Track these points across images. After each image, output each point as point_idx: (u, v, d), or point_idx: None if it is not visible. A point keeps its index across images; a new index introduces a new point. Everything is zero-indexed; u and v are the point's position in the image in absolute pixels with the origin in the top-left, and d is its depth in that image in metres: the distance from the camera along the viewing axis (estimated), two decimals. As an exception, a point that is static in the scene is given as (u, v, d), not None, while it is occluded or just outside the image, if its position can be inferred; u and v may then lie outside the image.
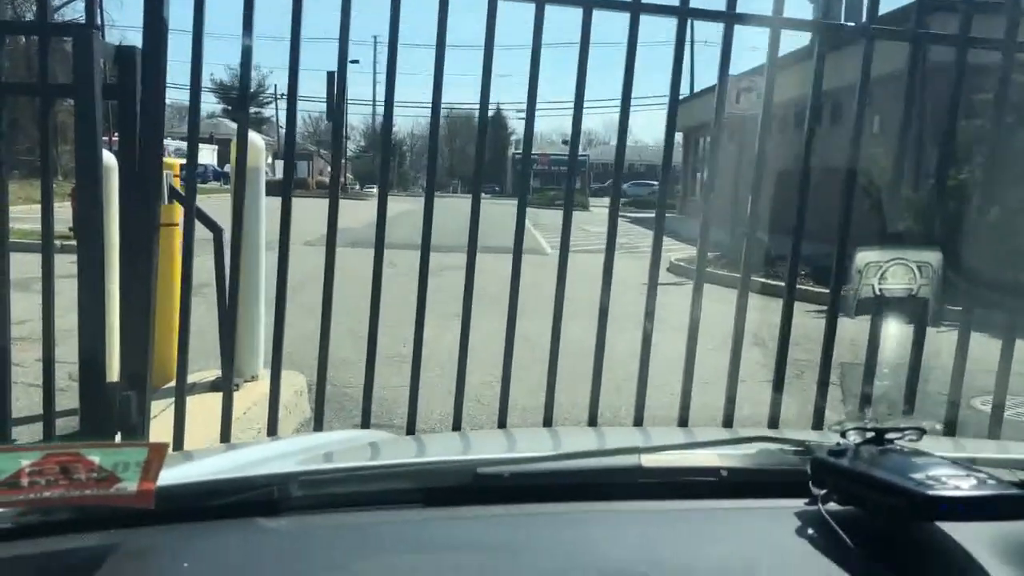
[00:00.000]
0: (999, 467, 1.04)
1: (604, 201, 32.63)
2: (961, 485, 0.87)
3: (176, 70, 2.46)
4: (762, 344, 3.72)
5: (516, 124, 59.11)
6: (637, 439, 1.58)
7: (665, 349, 2.65)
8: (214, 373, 3.86)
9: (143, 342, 2.32)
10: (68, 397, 2.91)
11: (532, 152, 2.72)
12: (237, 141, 2.59)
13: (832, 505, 0.94)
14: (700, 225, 2.63)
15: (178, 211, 3.96)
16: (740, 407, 2.54)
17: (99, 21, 2.80)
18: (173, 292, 3.79)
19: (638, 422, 2.53)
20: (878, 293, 2.24)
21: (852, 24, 2.65)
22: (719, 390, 2.56)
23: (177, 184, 4.12)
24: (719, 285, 4.82)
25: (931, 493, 0.85)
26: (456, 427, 2.57)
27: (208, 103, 53.18)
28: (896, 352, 2.51)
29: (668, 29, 2.77)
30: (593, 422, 2.53)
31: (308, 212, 4.99)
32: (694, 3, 2.46)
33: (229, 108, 52.94)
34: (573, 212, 2.61)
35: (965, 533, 0.89)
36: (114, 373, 2.52)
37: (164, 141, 2.47)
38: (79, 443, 0.83)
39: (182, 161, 4.30)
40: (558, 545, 0.93)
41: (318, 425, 2.64)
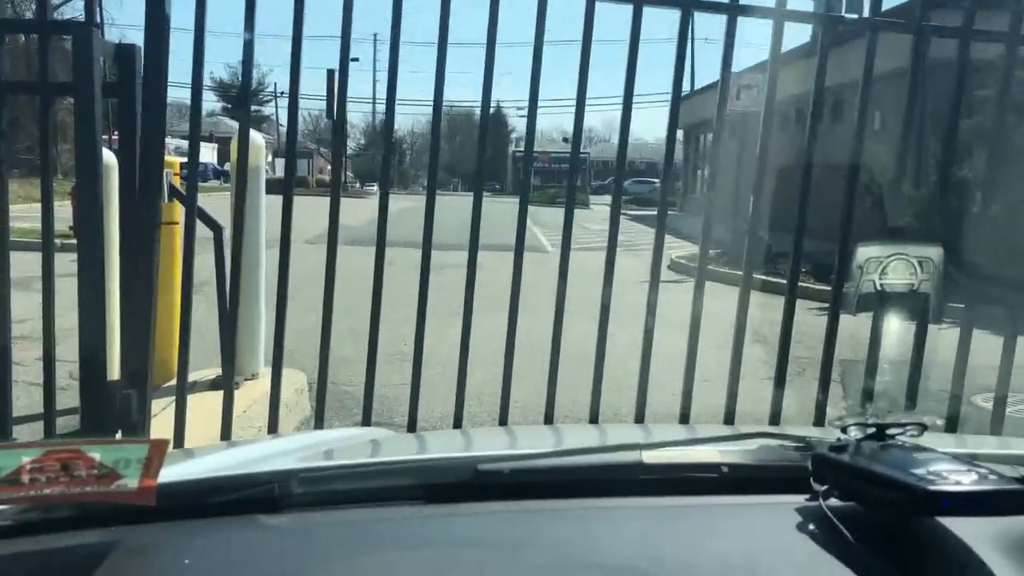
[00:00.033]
0: (1000, 463, 1.03)
1: (604, 199, 32.68)
2: (962, 480, 0.87)
3: (176, 68, 2.46)
4: (763, 341, 3.72)
5: (516, 122, 59.07)
6: (638, 435, 1.57)
7: (666, 347, 2.64)
8: (214, 371, 3.86)
9: (144, 340, 2.32)
10: (69, 396, 2.91)
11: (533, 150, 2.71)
12: (239, 139, 2.59)
13: (833, 501, 0.94)
14: (701, 223, 2.62)
15: (178, 209, 3.96)
16: (741, 404, 2.54)
17: (99, 19, 2.79)
18: (173, 290, 3.79)
19: (639, 419, 2.53)
20: (879, 289, 2.24)
21: (856, 16, 2.63)
22: (720, 388, 2.55)
23: (177, 182, 4.12)
24: (720, 283, 4.81)
25: (932, 488, 0.85)
26: (457, 425, 2.57)
27: (208, 101, 53.08)
28: (897, 348, 2.50)
29: (668, 26, 2.77)
30: (594, 419, 2.53)
31: (308, 210, 4.98)
32: None
33: (229, 106, 52.92)
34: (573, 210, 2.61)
35: (966, 528, 0.89)
36: (115, 371, 2.52)
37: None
38: (80, 440, 0.83)
39: (181, 159, 4.31)
40: (559, 541, 0.93)
41: (319, 423, 2.64)
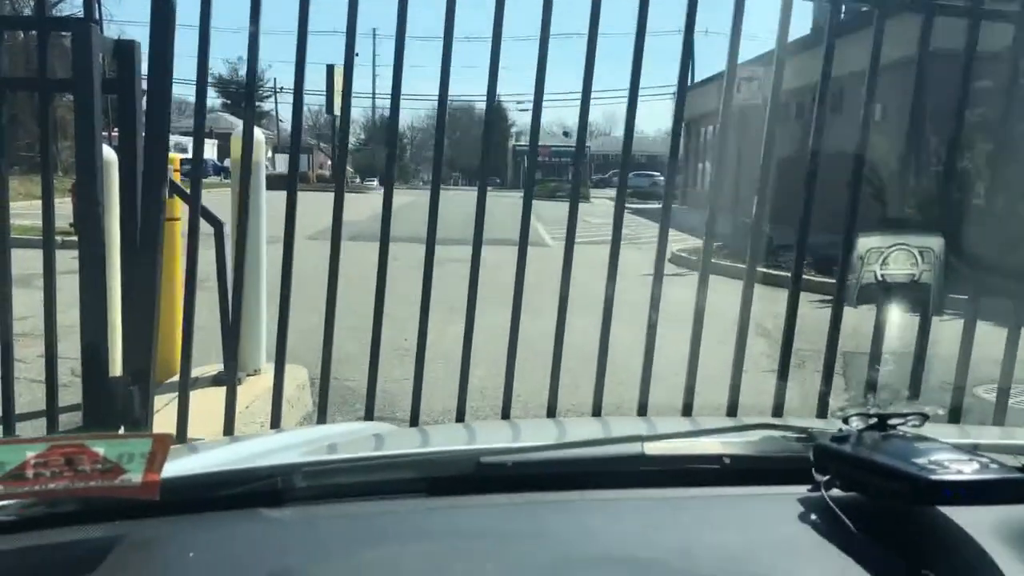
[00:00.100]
0: (1002, 452, 1.04)
1: (605, 192, 32.58)
2: (964, 470, 0.87)
3: (176, 64, 2.45)
4: (765, 334, 3.72)
5: (516, 116, 58.86)
6: (640, 428, 1.58)
7: (667, 342, 2.64)
8: (216, 368, 3.86)
9: (147, 337, 2.33)
10: (71, 392, 2.92)
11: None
12: (243, 135, 2.60)
13: (835, 491, 0.94)
14: (705, 216, 2.62)
15: (178, 205, 3.96)
16: (743, 396, 2.54)
17: (97, 15, 2.79)
18: (175, 286, 3.79)
19: (642, 412, 2.53)
20: (880, 280, 2.23)
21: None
22: (721, 381, 2.55)
23: (177, 178, 4.12)
24: (721, 275, 4.81)
25: (934, 478, 0.85)
26: (460, 418, 2.57)
27: (207, 97, 52.99)
28: (899, 339, 2.50)
29: (669, 17, 2.76)
30: (597, 413, 2.53)
31: (309, 206, 4.98)
32: None
33: (229, 102, 52.84)
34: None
35: (968, 518, 0.89)
36: (116, 368, 2.52)
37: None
38: (84, 435, 0.83)
39: (181, 156, 4.31)
40: (561, 533, 0.93)
41: (321, 418, 2.64)
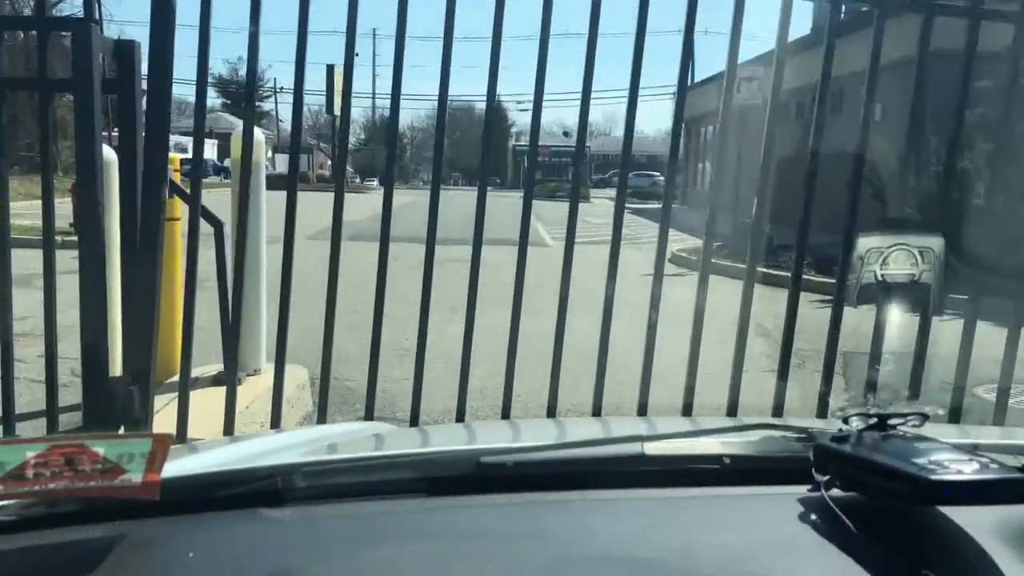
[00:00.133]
0: (1002, 452, 1.03)
1: (605, 192, 32.57)
2: (964, 470, 0.86)
3: (176, 64, 2.45)
4: (765, 334, 3.72)
5: (516, 116, 58.81)
6: (640, 428, 1.57)
7: (667, 342, 2.64)
8: (215, 368, 3.86)
9: (147, 337, 2.33)
10: (71, 392, 2.92)
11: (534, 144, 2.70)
12: (243, 135, 2.60)
13: (835, 491, 0.94)
14: (705, 216, 2.61)
15: (178, 205, 3.96)
16: (743, 397, 2.54)
17: (97, 15, 2.79)
18: (174, 286, 3.79)
19: (642, 412, 2.53)
20: (880, 280, 2.23)
21: None
22: (720, 381, 2.55)
23: (177, 178, 4.12)
24: (721, 276, 4.81)
25: (934, 478, 0.85)
26: (460, 418, 2.57)
27: (208, 97, 53.00)
28: (899, 339, 2.50)
29: (669, 17, 2.76)
30: (597, 413, 2.53)
31: (309, 206, 4.98)
32: None
33: (228, 102, 52.83)
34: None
35: (968, 518, 0.89)
36: (116, 368, 2.52)
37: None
38: (84, 435, 0.83)
39: (181, 156, 4.31)
40: (561, 533, 0.93)
41: (321, 418, 2.64)
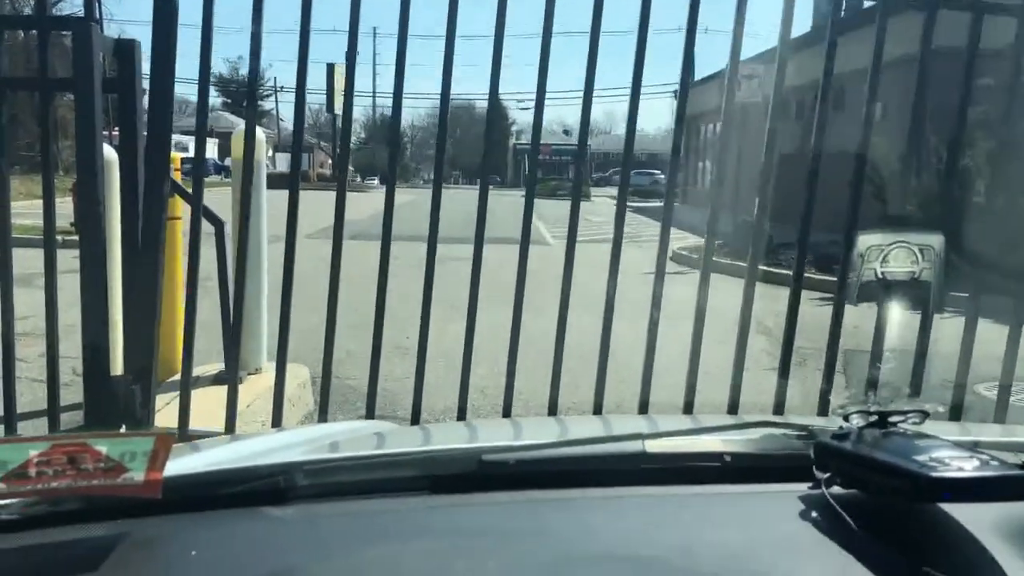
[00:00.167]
0: (1003, 450, 1.03)
1: (606, 191, 32.56)
2: (964, 467, 0.86)
3: (177, 63, 2.45)
4: (766, 332, 3.72)
5: (516, 114, 58.73)
6: (641, 426, 1.58)
7: (668, 340, 2.64)
8: (217, 367, 3.86)
9: (148, 336, 2.33)
10: (72, 392, 2.92)
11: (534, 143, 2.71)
12: (245, 135, 2.61)
13: (836, 488, 0.94)
14: (706, 214, 2.62)
15: (179, 204, 3.96)
16: (744, 395, 2.54)
17: (98, 15, 2.79)
18: (175, 286, 3.79)
19: (643, 410, 2.53)
20: (881, 278, 2.23)
21: None
22: (721, 379, 2.56)
23: (178, 177, 4.12)
24: (722, 274, 4.81)
25: (934, 475, 0.85)
26: (461, 416, 2.57)
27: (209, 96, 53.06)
28: (900, 337, 2.50)
29: (670, 16, 2.75)
30: (598, 411, 2.53)
31: (309, 205, 4.98)
32: None
33: (229, 101, 52.85)
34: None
35: (968, 515, 0.89)
36: (118, 367, 2.52)
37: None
38: (86, 433, 0.83)
39: (182, 155, 4.31)
40: (563, 531, 0.93)
41: (322, 417, 2.65)
